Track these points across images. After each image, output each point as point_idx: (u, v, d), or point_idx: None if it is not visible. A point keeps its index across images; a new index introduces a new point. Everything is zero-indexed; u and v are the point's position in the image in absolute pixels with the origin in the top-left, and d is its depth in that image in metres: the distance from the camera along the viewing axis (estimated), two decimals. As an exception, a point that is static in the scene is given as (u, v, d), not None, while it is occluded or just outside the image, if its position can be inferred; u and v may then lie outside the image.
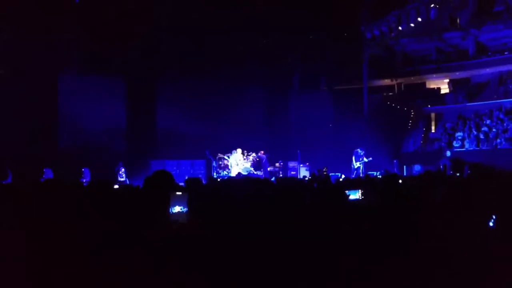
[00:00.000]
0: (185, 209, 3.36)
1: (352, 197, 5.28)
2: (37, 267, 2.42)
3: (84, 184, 8.26)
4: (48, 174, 11.99)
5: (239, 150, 17.32)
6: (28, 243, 2.62)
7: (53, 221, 2.95)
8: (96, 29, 16.65)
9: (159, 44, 18.64)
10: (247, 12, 19.29)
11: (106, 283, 2.30)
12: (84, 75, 17.81)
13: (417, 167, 19.29)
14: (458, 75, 25.83)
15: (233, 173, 16.51)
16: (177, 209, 3.40)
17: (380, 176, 11.48)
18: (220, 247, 2.37)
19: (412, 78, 26.65)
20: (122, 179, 15.53)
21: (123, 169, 15.87)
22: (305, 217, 2.95)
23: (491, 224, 2.88)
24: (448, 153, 17.34)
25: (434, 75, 26.33)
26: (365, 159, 17.34)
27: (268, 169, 17.39)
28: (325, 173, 14.81)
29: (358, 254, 2.45)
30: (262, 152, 17.54)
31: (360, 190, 5.41)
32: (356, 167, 17.34)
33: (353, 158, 17.49)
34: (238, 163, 17.07)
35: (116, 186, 8.60)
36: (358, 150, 17.50)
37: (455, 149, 20.10)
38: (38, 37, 15.70)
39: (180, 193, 3.42)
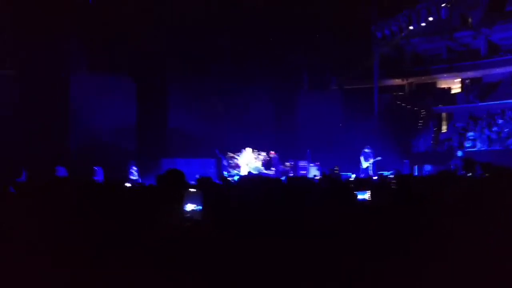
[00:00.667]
0: (199, 207, 3.40)
1: (360, 197, 5.27)
2: (49, 262, 2.46)
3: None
4: (61, 172, 12.10)
5: (249, 149, 17.35)
6: (40, 239, 2.66)
7: (66, 218, 2.99)
8: (107, 28, 16.77)
9: (169, 44, 18.73)
10: (257, 10, 19.31)
11: (121, 279, 2.33)
12: (94, 74, 17.96)
13: (427, 167, 19.18)
14: (469, 74, 25.65)
15: (243, 172, 16.54)
16: (190, 207, 3.43)
17: (391, 176, 11.45)
18: (232, 246, 2.40)
19: (422, 77, 26.52)
20: (134, 178, 15.64)
21: (135, 168, 15.97)
22: (315, 217, 2.97)
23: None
24: (460, 153, 17.22)
25: (445, 75, 26.17)
26: (371, 160, 17.16)
27: (278, 168, 17.39)
28: (336, 171, 14.77)
29: (366, 254, 2.47)
30: (273, 152, 17.54)
31: (369, 191, 5.38)
32: (365, 167, 17.21)
33: (362, 158, 17.38)
34: (248, 162, 17.10)
35: (128, 185, 8.66)
36: (366, 149, 17.36)
37: (467, 149, 19.97)
38: (48, 37, 15.86)
39: (194, 190, 3.45)
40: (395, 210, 3.33)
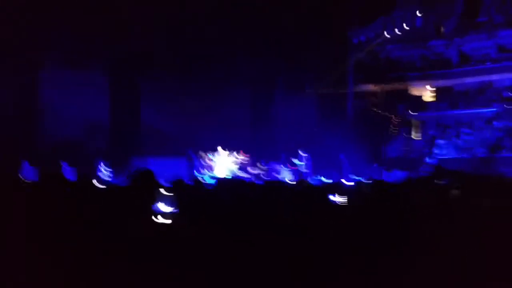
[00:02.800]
0: (170, 208, 3.35)
1: (334, 199, 5.27)
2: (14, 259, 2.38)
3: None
4: (26, 167, 11.76)
5: (223, 151, 17.28)
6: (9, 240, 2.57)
7: (35, 215, 2.89)
8: (80, 22, 16.45)
9: (145, 40, 18.49)
10: (234, 11, 19.26)
11: (94, 279, 2.28)
12: (67, 68, 17.56)
13: (398, 173, 19.48)
14: (441, 83, 26.19)
15: (217, 174, 16.45)
16: (162, 207, 3.36)
17: (365, 181, 11.54)
18: (205, 245, 2.37)
19: (396, 84, 26.92)
20: (103, 175, 15.32)
21: (104, 165, 15.66)
22: (291, 220, 2.96)
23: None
24: (429, 160, 17.55)
25: (418, 82, 26.66)
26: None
27: (251, 171, 17.37)
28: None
29: (342, 254, 2.47)
30: (244, 155, 17.51)
31: (343, 196, 5.39)
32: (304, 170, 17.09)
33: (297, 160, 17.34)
34: (222, 164, 17.03)
35: (96, 182, 8.45)
36: (300, 151, 17.24)
37: (436, 157, 20.37)
38: (20, 29, 15.43)
39: (165, 192, 3.40)
40: (371, 214, 3.34)
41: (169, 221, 2.89)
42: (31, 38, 15.91)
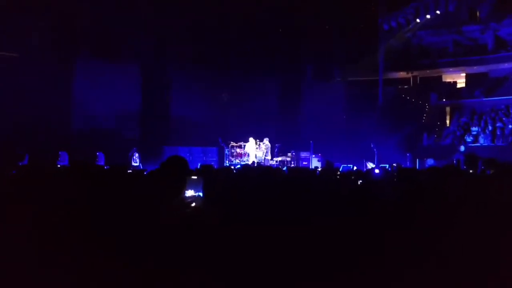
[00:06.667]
0: (199, 193, 3.40)
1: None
2: (50, 248, 2.46)
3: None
4: (63, 157, 12.13)
5: (252, 139, 17.38)
6: (43, 224, 2.66)
7: (69, 202, 2.99)
8: (112, 14, 16.71)
9: (175, 31, 18.66)
10: (263, 1, 19.19)
11: (119, 265, 2.34)
12: (99, 59, 17.89)
13: (430, 161, 19.12)
14: (475, 69, 25.48)
15: (246, 162, 16.58)
16: (190, 193, 3.43)
17: (392, 168, 11.42)
18: (232, 232, 2.41)
19: (428, 71, 26.36)
20: (135, 164, 15.67)
21: (136, 154, 16.00)
22: (316, 208, 2.97)
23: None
24: (462, 148, 17.16)
25: (451, 69, 26.02)
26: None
27: (280, 158, 17.40)
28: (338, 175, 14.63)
29: (368, 247, 2.48)
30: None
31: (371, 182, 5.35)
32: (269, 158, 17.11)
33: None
34: (251, 152, 17.14)
35: (130, 171, 8.66)
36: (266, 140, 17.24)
37: (469, 144, 19.91)
38: (53, 20, 15.80)
39: (195, 177, 3.45)
40: (400, 202, 3.32)
41: (196, 206, 2.96)
42: (64, 28, 16.27)
